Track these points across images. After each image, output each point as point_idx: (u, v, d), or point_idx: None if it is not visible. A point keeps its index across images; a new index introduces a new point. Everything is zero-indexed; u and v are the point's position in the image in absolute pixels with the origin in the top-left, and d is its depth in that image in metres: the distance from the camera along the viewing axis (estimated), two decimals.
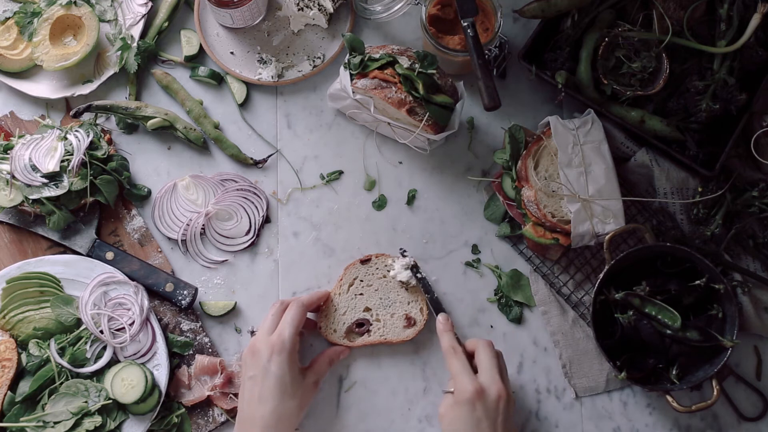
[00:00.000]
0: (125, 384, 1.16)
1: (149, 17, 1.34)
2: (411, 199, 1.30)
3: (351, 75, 1.21)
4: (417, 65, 1.18)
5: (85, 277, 1.22)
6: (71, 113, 1.27)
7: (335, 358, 1.21)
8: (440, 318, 1.19)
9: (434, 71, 1.19)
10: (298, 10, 1.31)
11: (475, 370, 1.11)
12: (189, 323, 1.24)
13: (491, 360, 1.11)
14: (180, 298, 1.22)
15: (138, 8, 1.33)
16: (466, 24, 1.18)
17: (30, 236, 1.26)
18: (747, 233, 1.26)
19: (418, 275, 1.23)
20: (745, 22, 1.23)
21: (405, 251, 1.26)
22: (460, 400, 1.07)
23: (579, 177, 1.20)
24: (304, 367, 1.17)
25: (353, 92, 1.21)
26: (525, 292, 1.26)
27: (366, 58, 1.21)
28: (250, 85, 1.33)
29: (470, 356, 1.13)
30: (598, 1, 1.26)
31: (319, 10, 1.31)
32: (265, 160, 1.30)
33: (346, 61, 1.22)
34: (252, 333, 1.25)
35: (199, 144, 1.29)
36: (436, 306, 1.22)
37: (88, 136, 1.24)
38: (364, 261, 1.25)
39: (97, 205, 1.26)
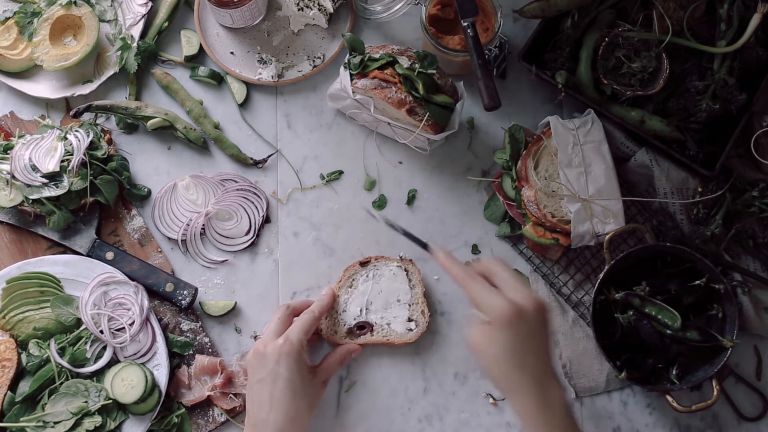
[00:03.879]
0: (125, 384, 1.16)
1: (149, 17, 1.34)
2: (411, 199, 1.30)
3: (351, 75, 1.21)
4: (417, 65, 1.18)
5: (85, 277, 1.22)
6: (71, 113, 1.27)
7: (347, 356, 1.20)
8: (436, 251, 1.05)
9: (434, 71, 1.19)
10: (298, 10, 1.31)
11: None
12: (189, 323, 1.24)
13: (512, 274, 1.02)
14: (180, 298, 1.22)
15: (138, 8, 1.33)
16: (466, 24, 1.18)
17: (30, 236, 1.26)
18: (747, 233, 1.26)
19: (396, 225, 1.11)
20: (745, 22, 1.23)
21: (403, 257, 1.26)
22: (500, 323, 0.98)
23: (579, 177, 1.20)
24: (314, 366, 1.17)
25: (353, 92, 1.21)
26: None
27: (366, 58, 1.21)
28: (250, 85, 1.33)
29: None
30: (598, 1, 1.26)
31: (319, 10, 1.31)
32: (265, 160, 1.30)
33: (346, 61, 1.22)
34: (255, 338, 1.25)
35: (199, 144, 1.29)
36: (419, 241, 1.09)
37: (88, 136, 1.24)
38: (364, 263, 1.25)
39: (97, 205, 1.26)
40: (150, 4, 1.33)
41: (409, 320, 1.23)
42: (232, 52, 1.33)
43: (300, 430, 1.11)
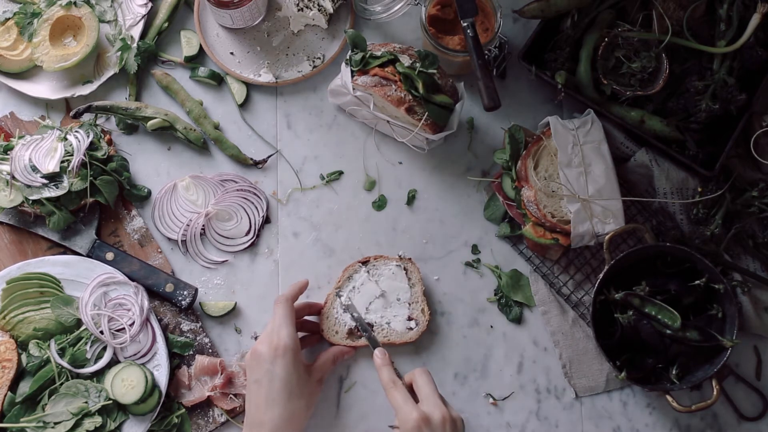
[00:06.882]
0: (125, 384, 1.16)
1: (149, 17, 1.34)
2: (411, 199, 1.30)
3: (352, 71, 1.21)
4: (418, 64, 1.18)
5: (85, 278, 1.22)
6: (71, 114, 1.27)
7: (339, 356, 1.21)
8: (377, 353, 1.14)
9: (435, 71, 1.19)
10: (298, 10, 1.31)
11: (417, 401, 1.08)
12: (189, 323, 1.24)
13: (430, 386, 1.08)
14: (180, 298, 1.22)
15: (138, 9, 1.33)
16: (466, 24, 1.18)
17: (30, 237, 1.26)
18: (747, 233, 1.26)
19: (354, 314, 1.21)
20: (745, 22, 1.23)
21: (402, 255, 1.26)
22: (405, 428, 1.03)
23: (579, 177, 1.20)
24: (309, 364, 1.17)
25: (353, 89, 1.21)
26: (525, 292, 1.26)
27: (368, 55, 1.20)
28: (250, 86, 1.33)
29: (410, 388, 1.10)
30: (598, 1, 1.26)
31: (319, 10, 1.31)
32: (265, 161, 1.30)
33: (348, 57, 1.22)
34: (255, 338, 1.25)
35: (199, 144, 1.29)
36: (373, 342, 1.17)
37: (88, 136, 1.24)
38: (363, 262, 1.25)
39: (97, 206, 1.26)
40: (150, 4, 1.33)
41: (409, 319, 1.23)
42: (232, 53, 1.33)
43: (298, 429, 1.11)
